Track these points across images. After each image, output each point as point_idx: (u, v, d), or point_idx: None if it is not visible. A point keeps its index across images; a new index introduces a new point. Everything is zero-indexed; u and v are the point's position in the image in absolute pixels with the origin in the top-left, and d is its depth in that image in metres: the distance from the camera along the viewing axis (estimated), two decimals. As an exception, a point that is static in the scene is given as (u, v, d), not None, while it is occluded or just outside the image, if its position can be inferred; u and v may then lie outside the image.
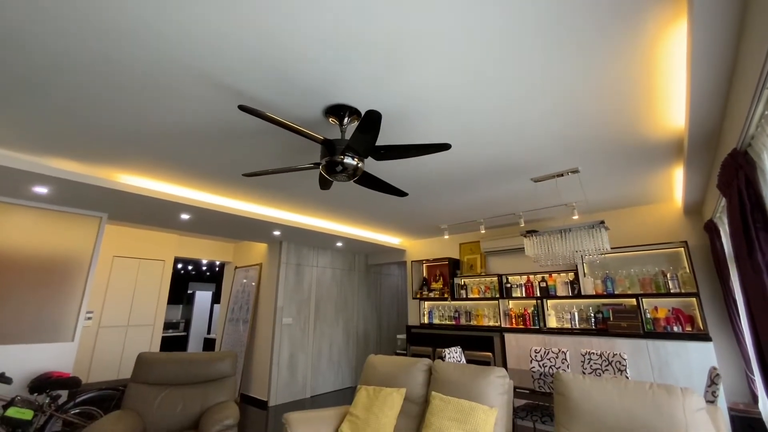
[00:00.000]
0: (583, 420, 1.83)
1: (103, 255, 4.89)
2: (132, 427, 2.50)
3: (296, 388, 5.27)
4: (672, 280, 3.78)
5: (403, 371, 2.67)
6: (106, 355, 4.73)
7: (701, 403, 1.66)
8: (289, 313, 5.39)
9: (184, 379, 2.95)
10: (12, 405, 2.78)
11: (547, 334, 4.34)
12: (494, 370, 2.31)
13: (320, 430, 2.53)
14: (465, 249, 5.68)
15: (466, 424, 2.09)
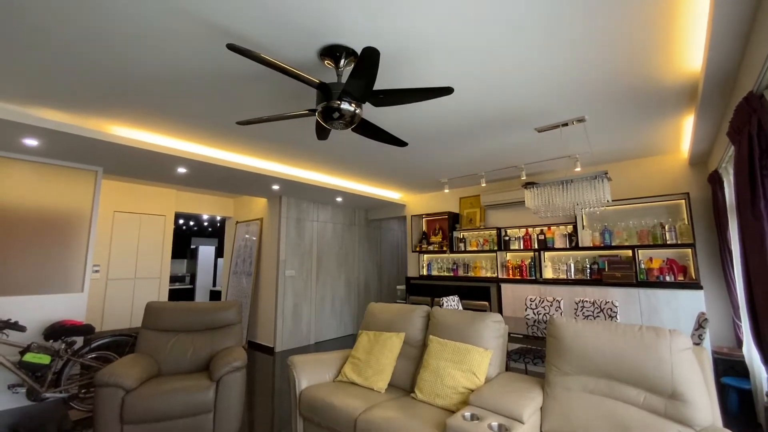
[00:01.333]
0: (573, 360, 1.93)
1: (104, 210, 4.90)
2: (147, 369, 2.66)
3: (301, 336, 5.54)
4: (670, 231, 3.81)
5: (402, 317, 2.78)
6: (117, 306, 4.92)
7: (688, 343, 1.73)
8: (292, 266, 5.52)
9: (193, 326, 3.08)
10: (28, 351, 2.92)
11: (543, 284, 4.46)
12: (490, 315, 2.39)
13: (324, 372, 2.68)
14: (465, 203, 5.68)
15: (462, 364, 2.21)
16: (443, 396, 2.14)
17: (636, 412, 1.70)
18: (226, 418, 2.52)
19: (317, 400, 2.33)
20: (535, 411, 1.88)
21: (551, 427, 1.85)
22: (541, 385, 2.05)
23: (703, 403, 1.61)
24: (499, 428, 1.71)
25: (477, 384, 2.12)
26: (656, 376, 1.67)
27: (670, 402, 1.65)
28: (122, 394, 2.36)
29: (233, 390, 2.56)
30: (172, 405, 2.39)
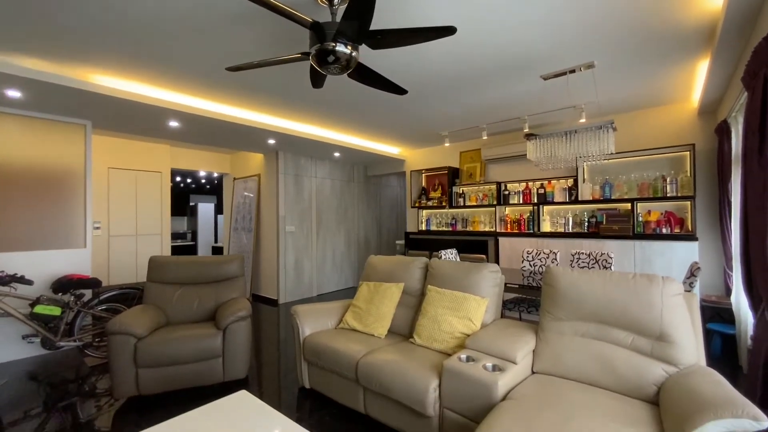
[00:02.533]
0: (567, 307, 1.99)
1: (99, 167, 4.82)
2: (156, 318, 2.76)
3: (303, 288, 5.72)
4: (671, 184, 3.78)
5: (402, 268, 2.83)
6: (122, 262, 5.01)
7: (679, 289, 1.77)
8: (292, 222, 5.55)
9: (197, 279, 3.15)
10: (38, 303, 3.01)
11: (541, 237, 4.51)
12: (487, 266, 2.44)
13: (326, 320, 2.78)
14: (465, 157, 5.59)
15: (458, 311, 2.28)
16: (440, 341, 2.24)
17: (623, 353, 1.78)
18: (233, 363, 2.66)
19: (320, 345, 2.44)
20: (528, 353, 1.97)
21: (542, 367, 1.95)
22: (534, 330, 2.14)
23: (688, 344, 1.69)
24: (493, 368, 1.81)
25: (473, 329, 2.21)
26: (646, 320, 1.73)
27: (657, 343, 1.73)
28: (134, 341, 2.47)
29: (239, 337, 2.68)
30: (182, 350, 2.51)
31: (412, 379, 1.91)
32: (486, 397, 1.68)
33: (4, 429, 2.17)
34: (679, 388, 1.49)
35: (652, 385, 1.65)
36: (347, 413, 2.33)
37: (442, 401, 1.85)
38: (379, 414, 2.13)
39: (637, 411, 1.53)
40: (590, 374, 1.80)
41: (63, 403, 2.50)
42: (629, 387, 1.70)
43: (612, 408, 1.54)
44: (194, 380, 2.57)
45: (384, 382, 2.00)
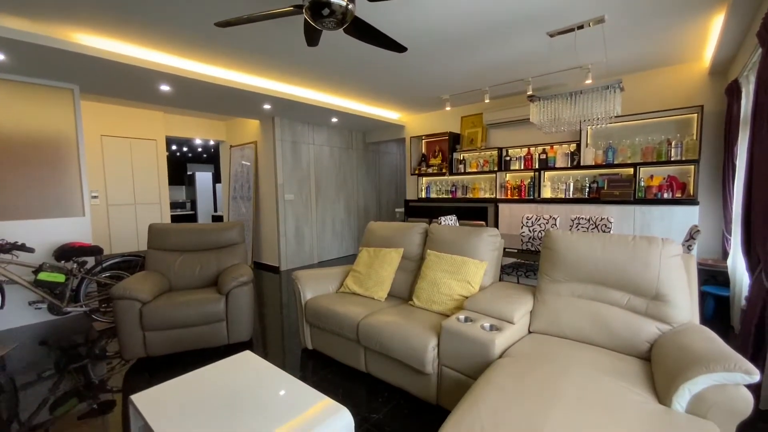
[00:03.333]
0: (565, 269, 2.00)
1: (91, 134, 4.71)
2: (159, 284, 2.79)
3: (304, 255, 5.78)
4: (676, 148, 3.71)
5: (401, 234, 2.83)
6: (122, 231, 5.03)
7: (678, 250, 1.78)
8: (290, 190, 5.51)
9: (198, 246, 3.16)
10: (41, 270, 3.04)
11: (541, 203, 4.50)
12: (487, 230, 2.44)
13: (327, 284, 2.82)
14: (466, 122, 5.45)
15: (457, 274, 2.31)
16: (439, 302, 2.28)
17: (618, 312, 1.82)
18: (237, 326, 2.73)
19: (322, 308, 2.49)
20: (525, 314, 2.01)
21: (539, 327, 2.00)
22: (532, 292, 2.17)
23: (683, 303, 1.71)
24: (490, 328, 1.85)
25: (471, 292, 2.24)
26: (643, 280, 1.75)
27: (653, 303, 1.75)
28: (139, 306, 2.52)
29: (242, 302, 2.72)
30: (186, 314, 2.56)
31: (412, 338, 1.95)
32: (483, 355, 1.73)
33: (18, 390, 2.25)
34: (671, 345, 1.53)
35: (645, 343, 1.70)
36: (349, 372, 2.42)
37: (440, 359, 1.91)
38: (380, 372, 2.21)
39: (630, 366, 1.58)
40: (585, 333, 1.84)
41: (75, 365, 2.59)
42: (623, 344, 1.74)
43: (605, 363, 1.59)
44: (200, 342, 2.64)
45: (384, 342, 2.06)
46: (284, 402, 1.46)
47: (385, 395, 2.14)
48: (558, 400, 1.24)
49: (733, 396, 1.19)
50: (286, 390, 1.55)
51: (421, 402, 2.06)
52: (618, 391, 1.32)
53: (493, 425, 1.14)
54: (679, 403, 1.26)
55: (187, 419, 1.37)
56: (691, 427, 1.13)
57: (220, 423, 1.34)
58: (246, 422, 1.34)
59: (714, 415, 1.21)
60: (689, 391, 1.24)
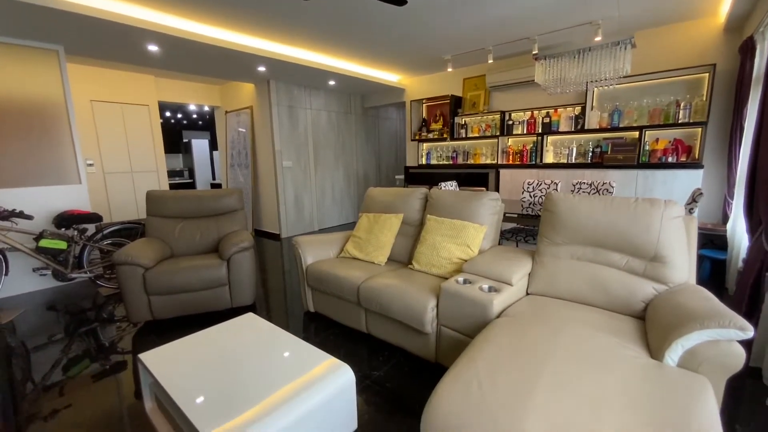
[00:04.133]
0: (565, 232, 2.00)
1: (80, 99, 4.57)
2: (160, 250, 2.81)
3: (304, 223, 5.79)
4: (684, 109, 3.60)
5: (401, 199, 2.81)
6: (121, 199, 5.00)
7: (680, 212, 1.76)
8: (288, 157, 5.43)
9: (197, 213, 3.15)
10: (42, 237, 3.05)
11: (542, 168, 4.44)
12: (487, 194, 2.41)
13: (327, 250, 2.84)
14: (469, 85, 5.27)
15: (457, 238, 2.31)
16: (438, 266, 2.30)
17: (616, 274, 1.83)
18: (240, 291, 2.77)
19: (323, 272, 2.52)
20: (523, 276, 2.03)
21: (537, 288, 2.02)
22: (531, 255, 2.18)
23: (681, 264, 1.72)
24: (489, 289, 1.87)
25: (471, 255, 2.25)
26: (642, 242, 1.75)
27: (651, 264, 1.76)
28: (141, 271, 2.54)
29: (243, 267, 2.75)
30: (189, 279, 2.59)
31: (411, 300, 1.99)
32: (481, 315, 1.77)
33: (30, 353, 2.32)
34: (666, 303, 1.55)
35: (641, 302, 1.72)
36: (350, 333, 2.49)
37: (439, 320, 1.95)
38: (380, 332, 2.27)
39: (624, 324, 1.61)
40: (583, 294, 1.87)
41: (84, 329, 2.66)
42: (619, 304, 1.77)
43: (600, 321, 1.62)
44: (204, 306, 2.70)
45: (384, 303, 2.10)
46: (287, 359, 1.50)
47: (385, 354, 2.21)
48: (553, 356, 1.27)
49: (726, 351, 1.22)
50: (289, 348, 1.59)
51: (420, 360, 2.14)
52: (611, 346, 1.36)
53: (490, 379, 1.17)
54: (671, 358, 1.29)
55: (195, 375, 1.41)
56: (683, 379, 1.16)
57: (226, 378, 1.39)
58: (250, 378, 1.38)
59: (705, 370, 1.25)
60: (682, 347, 1.27)
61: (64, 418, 1.71)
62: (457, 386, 1.16)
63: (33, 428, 1.64)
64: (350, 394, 1.43)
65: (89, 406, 1.79)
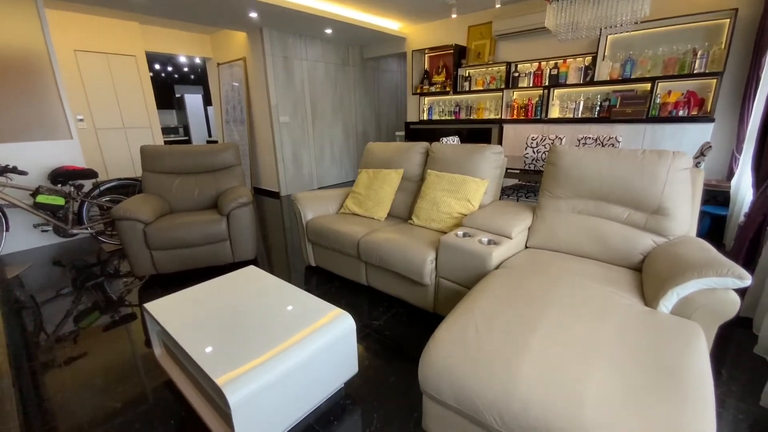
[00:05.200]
0: (568, 185, 1.96)
1: (63, 50, 4.32)
2: (159, 206, 2.79)
3: (303, 181, 5.74)
4: (701, 58, 3.41)
5: (401, 154, 2.75)
6: (115, 156, 4.91)
7: (688, 163, 1.72)
8: (285, 112, 5.25)
9: (194, 169, 3.10)
10: (39, 193, 3.02)
11: (547, 123, 4.31)
12: (490, 147, 2.35)
13: (327, 206, 2.82)
14: (474, 33, 4.96)
15: (457, 193, 2.28)
16: (438, 221, 2.29)
17: (616, 227, 1.82)
18: (241, 246, 2.79)
19: (323, 227, 2.52)
20: (523, 230, 2.03)
21: (536, 242, 2.03)
22: (532, 209, 2.16)
23: (683, 216, 1.70)
24: (488, 242, 1.87)
25: (471, 210, 2.24)
26: (646, 194, 1.72)
27: (652, 216, 1.75)
28: (141, 226, 2.54)
29: (243, 222, 2.75)
30: (190, 235, 2.60)
31: (410, 252, 2.00)
32: (480, 267, 1.78)
33: (40, 306, 2.38)
34: (665, 254, 1.56)
35: (639, 255, 1.73)
36: (351, 285, 2.54)
37: (438, 272, 1.98)
38: (380, 285, 2.31)
39: (621, 275, 1.63)
40: (582, 247, 1.88)
41: (91, 283, 2.72)
42: (617, 256, 1.78)
43: (597, 273, 1.64)
44: (206, 261, 2.73)
45: (384, 256, 2.11)
46: (288, 307, 1.54)
47: (385, 305, 2.27)
48: (549, 304, 1.29)
49: (722, 299, 1.24)
50: (290, 297, 1.62)
51: (418, 310, 2.20)
52: (606, 295, 1.38)
53: (487, 326, 1.20)
54: (665, 305, 1.31)
55: (201, 323, 1.45)
56: (675, 325, 1.19)
57: (231, 326, 1.43)
58: (252, 325, 1.42)
59: (698, 317, 1.27)
60: (677, 295, 1.29)
61: (81, 365, 1.79)
62: (454, 332, 1.19)
63: (51, 374, 1.72)
64: (351, 340, 1.48)
65: (103, 354, 1.87)
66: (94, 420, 1.46)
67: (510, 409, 0.96)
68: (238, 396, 1.11)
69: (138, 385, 1.65)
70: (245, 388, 1.13)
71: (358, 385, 1.61)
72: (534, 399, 0.94)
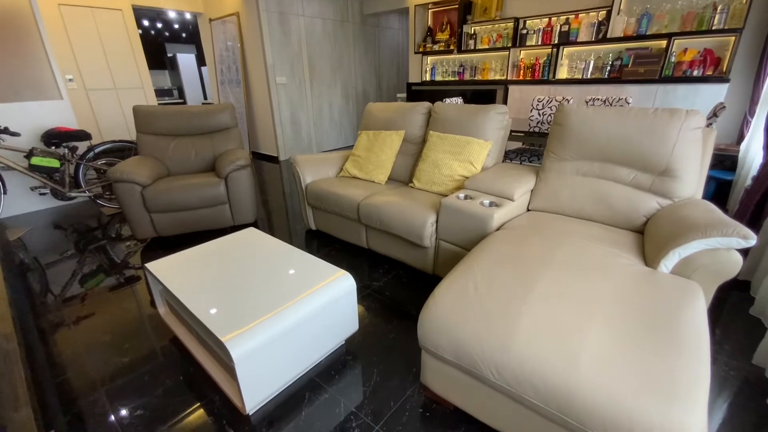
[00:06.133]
0: (573, 146, 1.90)
1: (46, 3, 4.08)
2: (156, 169, 2.75)
3: (302, 145, 5.63)
4: (721, 13, 3.21)
5: (402, 115, 2.66)
6: (108, 118, 4.79)
7: (701, 122, 1.65)
8: (282, 72, 5.04)
9: (190, 130, 3.02)
10: (33, 155, 2.97)
11: (555, 84, 4.15)
12: (495, 107, 2.26)
13: (326, 169, 2.77)
14: (481, -15, 4.65)
15: (460, 155, 2.23)
16: (440, 183, 2.26)
17: (621, 189, 1.79)
18: (241, 209, 2.78)
19: (322, 191, 2.49)
20: (526, 192, 1.99)
21: (538, 204, 2.00)
22: (535, 172, 2.11)
23: (690, 178, 1.66)
24: (489, 204, 1.85)
25: (474, 172, 2.19)
26: (655, 155, 1.67)
27: (659, 178, 1.71)
28: (139, 189, 2.51)
29: (242, 185, 2.72)
30: (188, 197, 2.58)
31: (411, 215, 1.98)
32: (481, 229, 1.77)
33: (45, 268, 2.40)
34: (668, 216, 1.53)
35: (642, 217, 1.71)
36: (351, 248, 2.55)
37: (438, 234, 1.97)
38: (380, 247, 2.32)
39: (622, 237, 1.62)
40: (584, 210, 1.85)
41: (94, 246, 2.73)
42: (620, 219, 1.76)
43: (598, 235, 1.62)
44: (206, 224, 2.73)
45: (384, 219, 2.10)
46: (288, 266, 1.54)
47: (385, 267, 2.29)
48: (549, 263, 1.29)
49: (724, 259, 1.23)
50: (290, 257, 1.63)
51: (418, 272, 2.22)
52: (607, 255, 1.37)
53: (486, 284, 1.20)
54: (666, 265, 1.31)
55: (201, 282, 1.46)
56: (674, 284, 1.19)
57: (231, 283, 1.44)
58: (253, 283, 1.43)
59: (698, 276, 1.27)
60: (679, 255, 1.28)
61: (88, 324, 1.83)
62: (453, 290, 1.20)
63: (61, 333, 1.76)
64: (351, 299, 1.50)
65: (109, 314, 1.91)
66: (105, 374, 1.51)
67: (507, 363, 0.98)
68: (241, 350, 1.14)
69: (145, 341, 1.69)
70: (248, 343, 1.16)
71: (359, 342, 1.65)
72: (530, 353, 0.96)
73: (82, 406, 1.36)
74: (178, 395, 1.39)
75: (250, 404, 1.23)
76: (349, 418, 1.28)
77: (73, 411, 1.34)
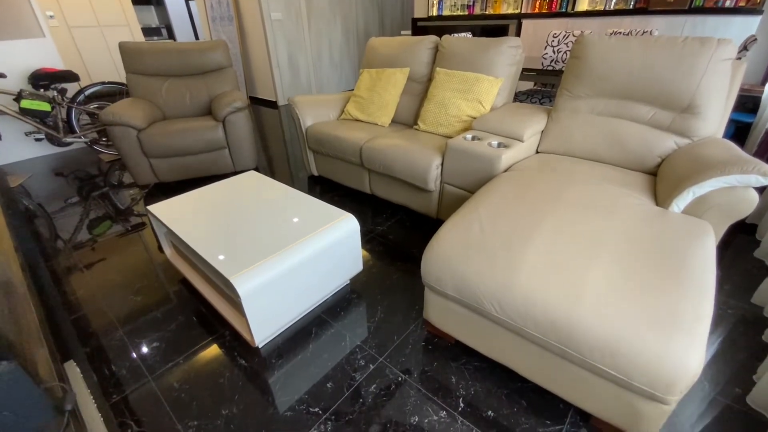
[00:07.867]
0: (590, 82, 1.78)
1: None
2: (150, 112, 2.64)
3: (302, 88, 5.37)
4: (769, -73, 2.83)
5: (407, 51, 2.48)
6: (96, 59, 4.54)
7: (732, 53, 1.52)
8: (277, 7, 4.65)
9: (182, 70, 2.86)
10: (22, 98, 2.85)
11: (573, 17, 3.81)
12: (507, 40, 2.09)
13: (327, 111, 2.65)
14: None
15: (468, 93, 2.10)
16: (446, 125, 2.16)
17: (637, 128, 1.70)
18: (240, 154, 2.71)
19: (323, 134, 2.40)
20: (536, 133, 1.91)
21: (548, 146, 1.93)
22: (547, 112, 2.01)
23: (713, 116, 1.57)
24: (498, 145, 1.78)
25: (482, 113, 2.09)
26: (679, 89, 1.56)
27: (680, 116, 1.61)
28: (134, 133, 2.44)
29: (240, 129, 2.62)
30: (185, 142, 2.50)
31: (415, 158, 1.92)
32: (488, 171, 1.72)
33: (51, 216, 2.40)
34: (685, 155, 1.47)
35: (657, 158, 1.64)
36: (355, 194, 2.53)
37: (443, 177, 1.92)
38: (384, 192, 2.29)
39: (635, 178, 1.57)
40: (596, 151, 1.78)
41: (97, 192, 2.71)
42: (634, 160, 1.69)
43: (610, 175, 1.58)
44: (207, 169, 2.69)
45: (388, 163, 2.04)
46: (291, 207, 1.53)
47: (388, 212, 2.28)
48: (557, 203, 1.26)
49: (740, 197, 1.19)
50: (292, 199, 1.60)
51: (422, 216, 2.21)
52: (617, 195, 1.33)
53: (492, 223, 1.18)
54: (678, 205, 1.28)
55: (205, 222, 1.46)
56: (685, 223, 1.16)
57: (235, 223, 1.43)
58: (257, 224, 1.43)
59: (710, 215, 1.24)
60: (693, 194, 1.24)
61: (99, 267, 1.86)
62: (458, 228, 1.18)
63: (74, 276, 1.80)
64: (355, 240, 1.50)
65: (118, 256, 1.94)
66: (120, 311, 1.57)
67: (510, 297, 0.98)
68: (248, 287, 1.15)
69: (155, 281, 1.73)
70: (254, 280, 1.17)
71: (363, 282, 1.68)
72: (534, 288, 0.96)
73: (100, 339, 1.42)
74: (191, 329, 1.45)
75: (259, 337, 1.28)
76: (354, 350, 1.34)
77: (93, 344, 1.41)
